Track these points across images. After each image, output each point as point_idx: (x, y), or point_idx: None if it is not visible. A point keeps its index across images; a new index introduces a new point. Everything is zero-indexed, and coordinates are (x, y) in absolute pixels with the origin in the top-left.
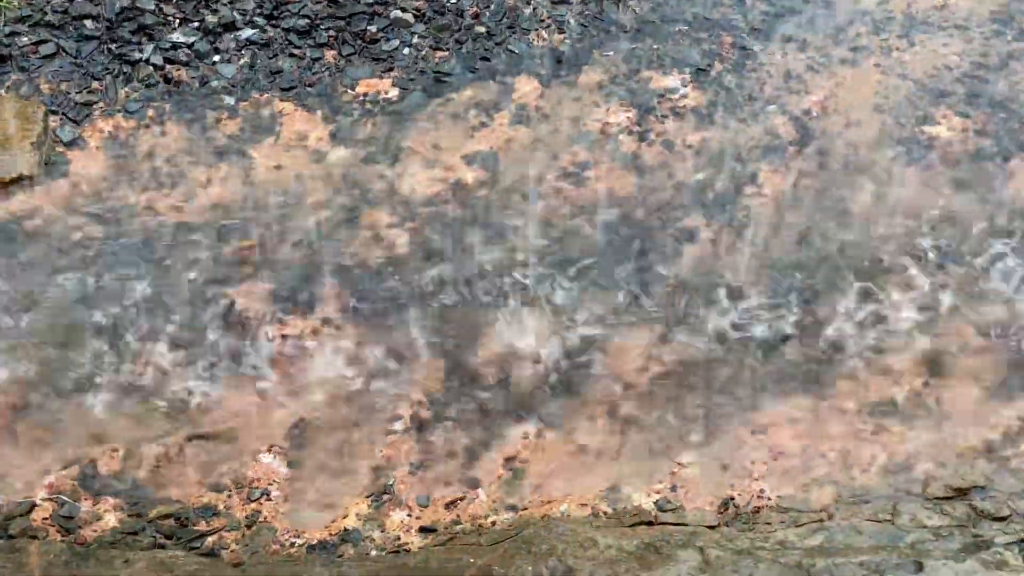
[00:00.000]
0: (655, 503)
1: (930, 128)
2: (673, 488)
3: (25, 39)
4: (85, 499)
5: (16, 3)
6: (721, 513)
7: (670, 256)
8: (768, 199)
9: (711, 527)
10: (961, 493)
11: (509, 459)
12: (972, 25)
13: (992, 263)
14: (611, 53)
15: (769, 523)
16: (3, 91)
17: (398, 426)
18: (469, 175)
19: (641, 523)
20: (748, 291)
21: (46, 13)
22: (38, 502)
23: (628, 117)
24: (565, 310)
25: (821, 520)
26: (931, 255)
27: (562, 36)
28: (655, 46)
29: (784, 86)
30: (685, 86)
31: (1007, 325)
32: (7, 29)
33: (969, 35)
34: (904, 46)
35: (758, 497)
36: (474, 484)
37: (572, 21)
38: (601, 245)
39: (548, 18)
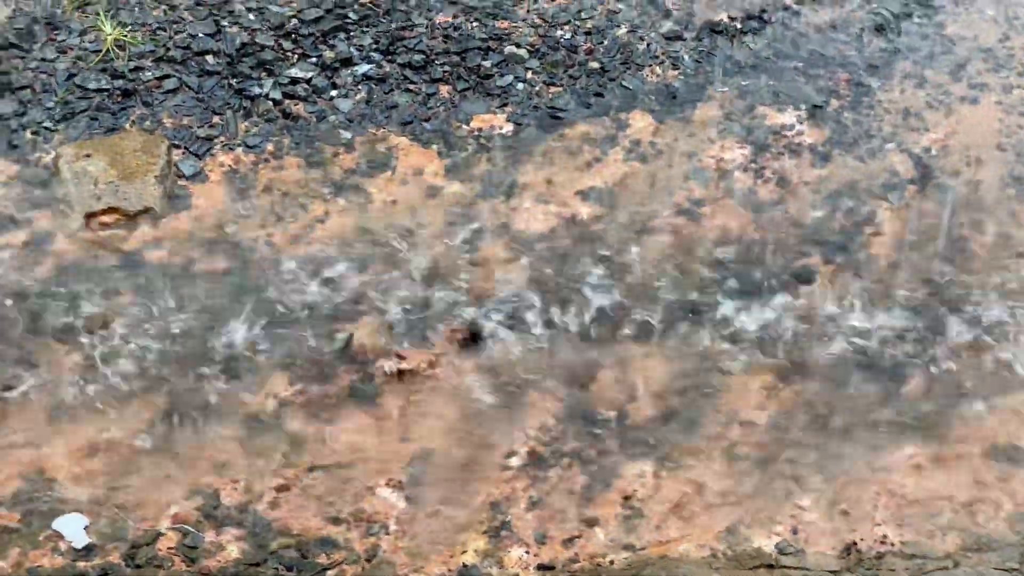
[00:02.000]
0: (775, 546)
1: None
2: (794, 531)
3: (149, 74)
4: (208, 530)
5: (140, 38)
6: (843, 558)
7: (787, 295)
8: (887, 238)
9: (833, 572)
10: None
11: (627, 498)
12: None
13: None
14: (726, 89)
15: (893, 569)
16: (128, 125)
17: (515, 462)
18: (584, 210)
19: (761, 566)
20: (866, 332)
21: (169, 49)
22: (163, 532)
23: (743, 154)
24: (683, 347)
25: (946, 567)
26: None
27: (676, 72)
28: (770, 82)
29: (903, 123)
30: (801, 123)
31: None
32: (131, 64)
33: None
34: None
35: (881, 542)
36: (592, 522)
37: (686, 57)
38: (717, 283)
39: (662, 54)
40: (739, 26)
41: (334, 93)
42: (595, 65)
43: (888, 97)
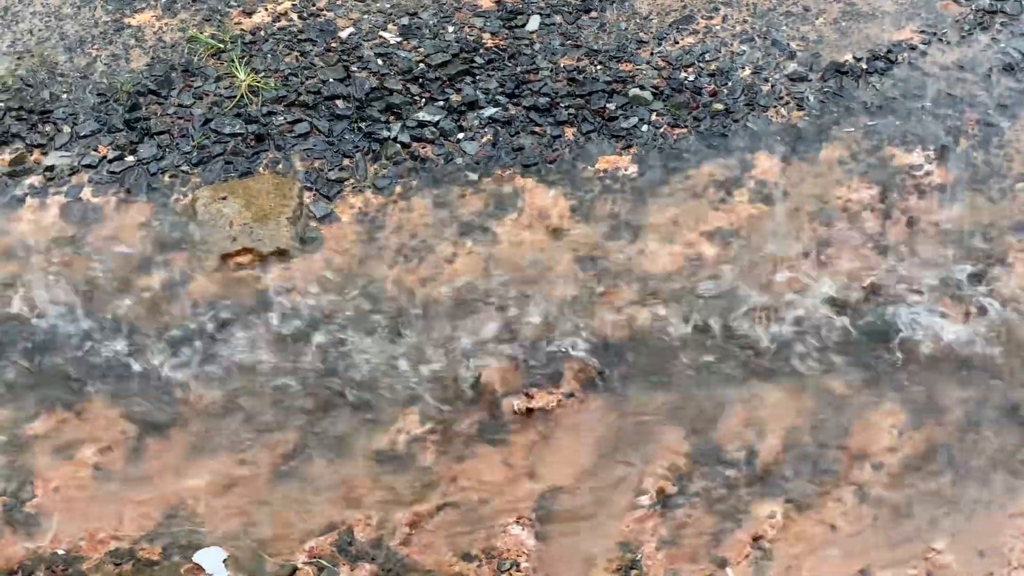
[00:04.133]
0: None
1: None
2: (928, 575)
3: (281, 119)
4: (343, 564)
5: (273, 84)
6: None
7: (917, 339)
8: (1019, 279)
9: None
10: None
11: (757, 538)
12: None
13: None
14: (851, 129)
15: None
16: (261, 169)
17: (644, 500)
18: (709, 251)
19: None
20: (998, 368)
21: (300, 94)
22: (299, 566)
23: (871, 194)
24: (814, 388)
25: None
26: None
27: (801, 113)
28: (897, 122)
29: None
30: (929, 163)
31: None
32: (264, 109)
33: None
34: None
35: None
36: (722, 563)
37: (811, 98)
38: (846, 327)
39: (787, 95)
40: (865, 66)
41: (461, 136)
42: (719, 107)
43: (1018, 137)
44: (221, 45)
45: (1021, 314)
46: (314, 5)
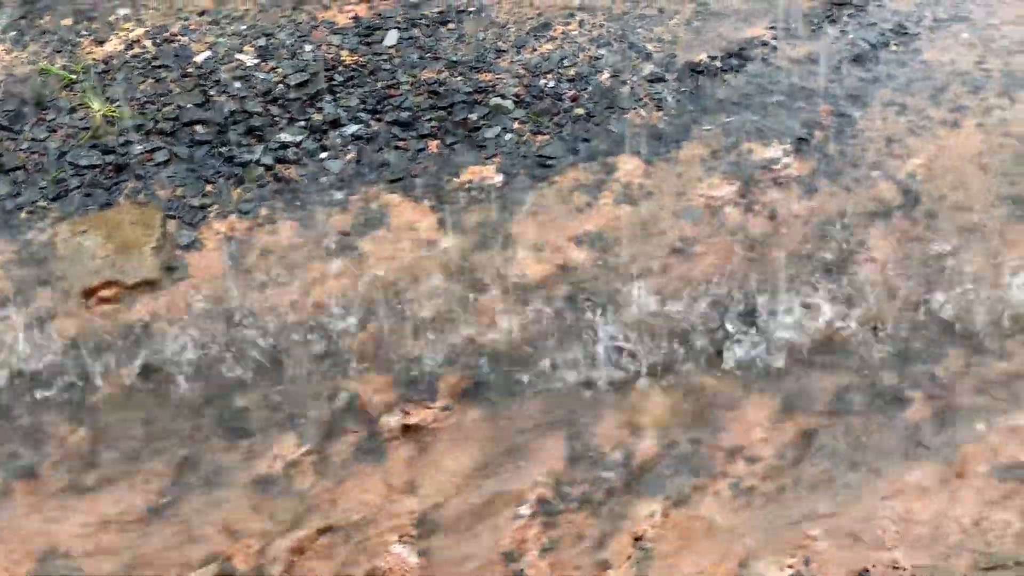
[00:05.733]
0: None
1: None
2: (806, 562)
3: (139, 148)
4: None
5: (129, 113)
6: None
7: (787, 327)
8: (878, 265)
9: None
10: None
11: (637, 539)
12: None
13: None
14: (710, 127)
15: None
16: (122, 199)
17: (524, 510)
18: (578, 256)
19: None
20: (866, 357)
21: (158, 121)
22: None
23: (732, 190)
24: (683, 384)
25: None
26: None
27: (660, 113)
28: (754, 118)
29: (887, 151)
30: (788, 156)
31: None
32: (122, 139)
33: None
34: (1005, 104)
35: (893, 568)
36: (604, 566)
37: (669, 98)
38: (712, 320)
39: (646, 96)
40: (719, 64)
41: (324, 155)
42: (580, 111)
43: (871, 125)
44: (73, 76)
45: (881, 299)
46: (168, 31)
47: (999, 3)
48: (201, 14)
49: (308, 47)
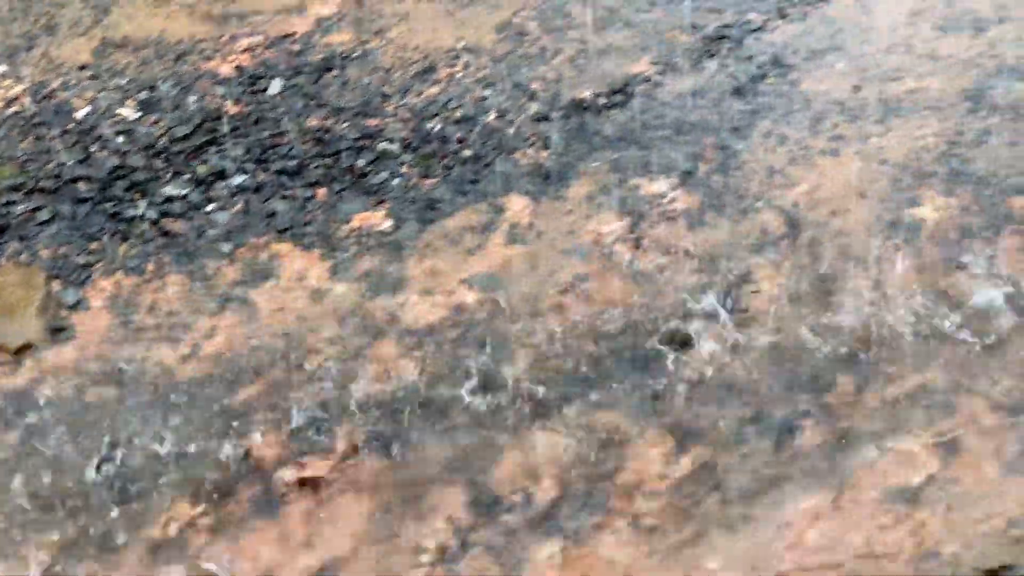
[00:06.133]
0: None
1: (916, 210)
2: None
3: (21, 207)
4: None
5: (9, 171)
6: None
7: (676, 360)
8: (766, 295)
9: None
10: (991, 574)
11: None
12: (945, 105)
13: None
14: (597, 163)
15: None
16: (3, 261)
17: (425, 559)
18: (470, 298)
19: None
20: (755, 389)
21: (40, 179)
22: None
23: (620, 226)
24: (580, 423)
25: None
26: (947, 328)
27: (547, 152)
28: (640, 153)
29: (769, 181)
30: (674, 190)
31: (1020, 401)
32: (2, 199)
33: (943, 115)
34: (881, 131)
35: None
36: None
37: (555, 136)
38: (607, 357)
39: (532, 135)
40: (603, 101)
41: (211, 207)
42: (468, 153)
43: (753, 157)
44: None
45: (769, 330)
46: (48, 87)
47: (872, 32)
48: (81, 68)
49: (191, 98)
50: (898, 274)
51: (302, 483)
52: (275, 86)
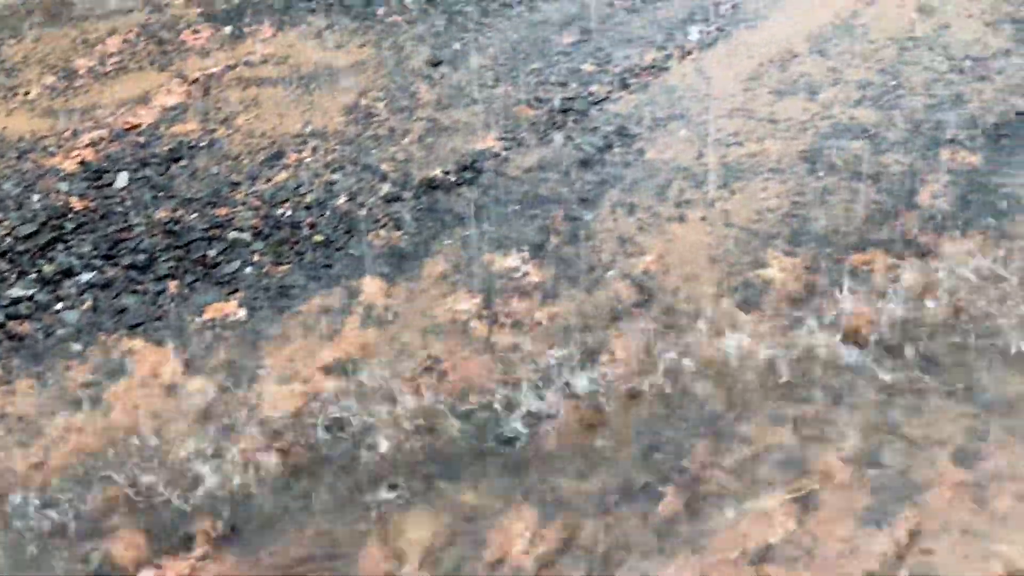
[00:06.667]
0: None
1: (762, 271)
2: None
3: None
4: None
5: None
6: None
7: (533, 437)
8: (621, 364)
9: None
10: None
11: None
12: (785, 167)
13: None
14: (450, 241)
15: None
16: None
17: None
18: (328, 384)
19: None
20: (615, 457)
21: None
22: None
23: (475, 303)
24: (443, 504)
25: None
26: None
27: (400, 232)
28: (491, 229)
29: (620, 250)
30: (526, 263)
31: (871, 450)
32: None
33: (784, 177)
34: (726, 195)
35: None
36: None
37: (407, 216)
38: (467, 435)
39: (383, 217)
40: (454, 179)
41: (59, 306)
42: (319, 238)
43: (603, 227)
44: None
45: (626, 397)
46: None
47: (712, 99)
48: None
49: (35, 196)
50: (747, 334)
51: None
52: (121, 179)
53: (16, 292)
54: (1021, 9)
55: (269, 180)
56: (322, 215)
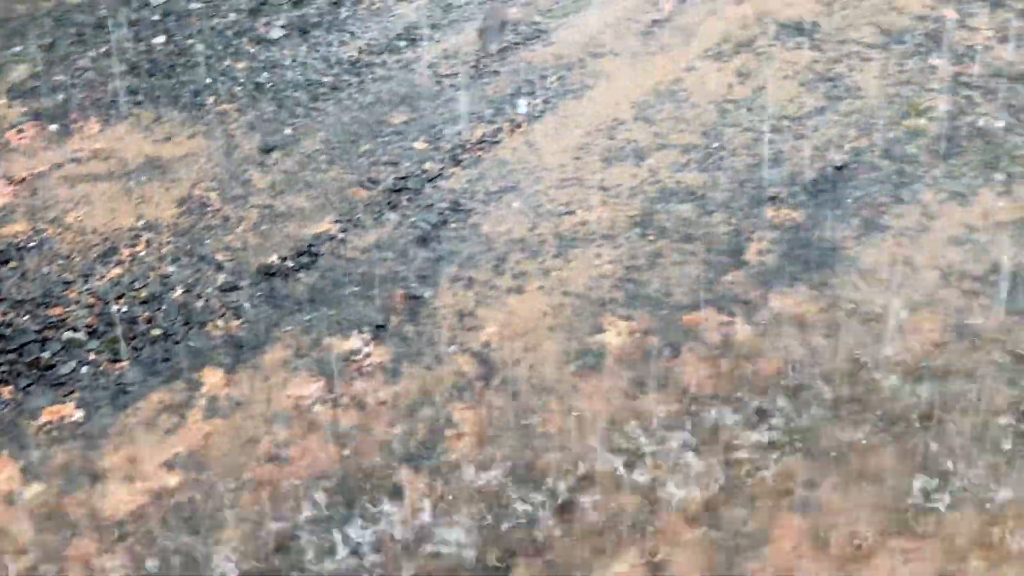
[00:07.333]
0: None
1: (600, 336)
2: None
3: None
4: None
5: None
6: None
7: (384, 516)
8: (467, 438)
9: None
10: None
11: None
12: (617, 233)
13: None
14: (290, 328)
15: None
16: None
17: None
18: (172, 480)
19: None
20: (466, 533)
21: None
22: None
23: (318, 387)
24: None
25: None
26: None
27: (239, 321)
28: (331, 312)
29: (460, 325)
30: (368, 345)
31: (711, 507)
32: None
33: (616, 242)
34: (561, 264)
35: None
36: None
37: (246, 305)
38: (317, 522)
39: (221, 307)
40: (291, 264)
41: None
42: (157, 332)
43: (443, 303)
44: None
45: (475, 475)
46: None
47: (543, 169)
48: None
49: None
50: (590, 402)
51: None
52: None
53: None
54: (833, 68)
55: (103, 277)
56: (159, 309)
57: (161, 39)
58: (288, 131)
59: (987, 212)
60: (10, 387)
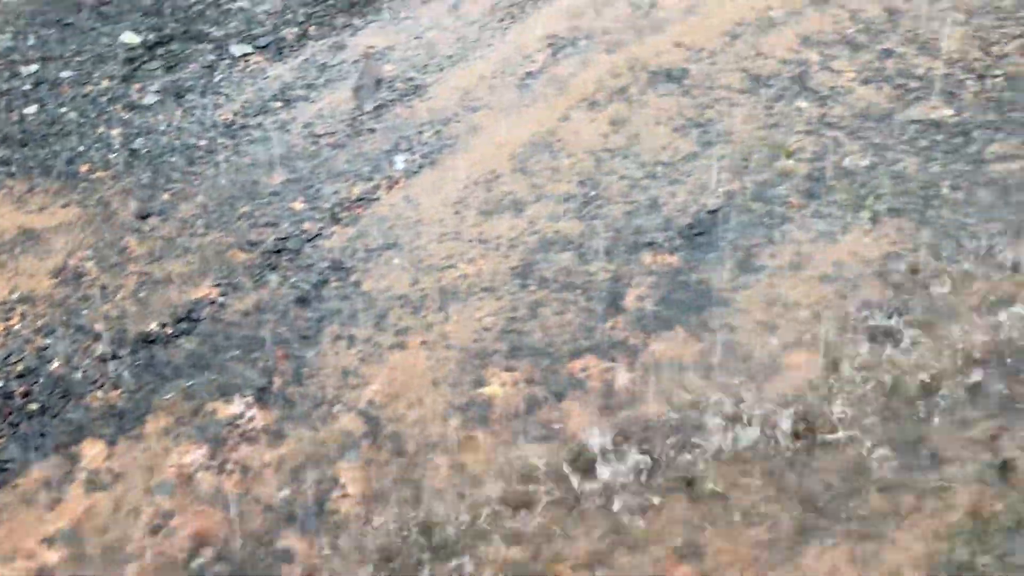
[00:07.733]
0: None
1: (484, 389)
2: None
3: None
4: None
5: None
6: None
7: None
8: (354, 498)
9: None
10: None
11: None
12: (498, 284)
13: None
14: (171, 395)
15: None
16: None
17: None
18: (53, 557)
19: None
20: None
21: None
22: None
23: (201, 454)
24: None
25: None
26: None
27: (119, 391)
28: (212, 377)
29: (344, 383)
30: (251, 408)
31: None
32: None
33: (497, 294)
34: (443, 319)
35: None
36: None
37: (126, 374)
38: None
39: (100, 377)
40: (171, 331)
41: None
42: (34, 406)
43: (325, 362)
44: None
45: (363, 533)
46: None
47: (422, 224)
48: None
49: None
50: (477, 455)
51: None
52: None
53: None
54: (704, 113)
55: None
56: (36, 382)
57: (33, 108)
58: (165, 196)
59: (854, 251)
60: None
